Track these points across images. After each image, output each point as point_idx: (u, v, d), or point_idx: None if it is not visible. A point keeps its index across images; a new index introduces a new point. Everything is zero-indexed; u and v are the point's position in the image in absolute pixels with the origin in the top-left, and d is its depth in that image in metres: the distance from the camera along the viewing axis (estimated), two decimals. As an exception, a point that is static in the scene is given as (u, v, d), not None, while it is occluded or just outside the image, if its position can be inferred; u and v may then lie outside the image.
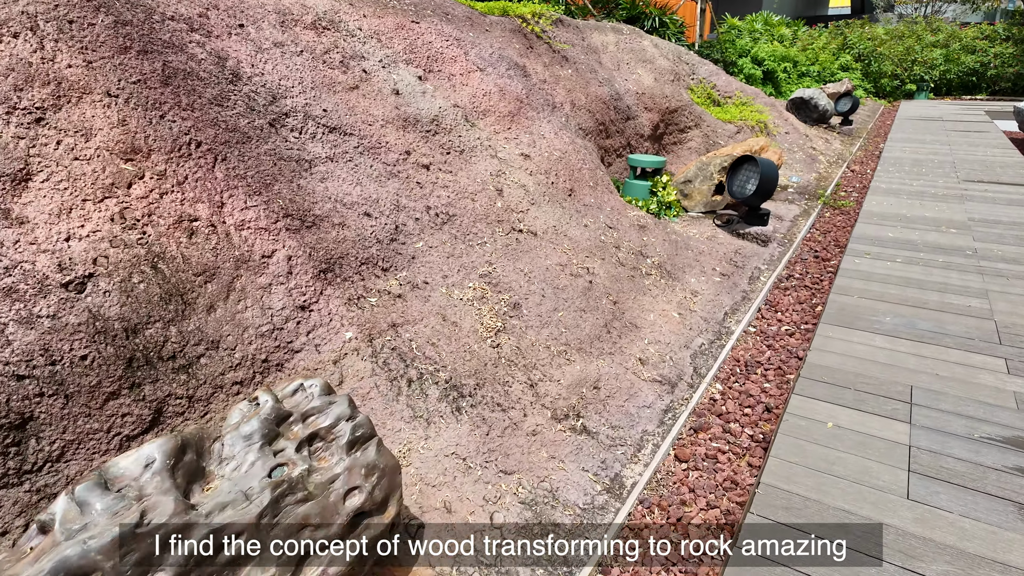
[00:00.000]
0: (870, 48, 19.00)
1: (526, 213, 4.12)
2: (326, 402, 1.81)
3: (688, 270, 4.62)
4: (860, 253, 5.34)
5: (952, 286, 4.58)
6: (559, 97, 5.71)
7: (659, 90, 7.49)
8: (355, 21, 4.21)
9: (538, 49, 5.97)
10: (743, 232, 5.58)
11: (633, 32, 8.10)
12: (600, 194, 5.08)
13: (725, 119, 8.47)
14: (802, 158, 9.01)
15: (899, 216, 6.48)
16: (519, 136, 4.77)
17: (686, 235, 5.31)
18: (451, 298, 3.26)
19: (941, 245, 5.52)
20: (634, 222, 4.93)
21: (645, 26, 12.47)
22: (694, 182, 6.27)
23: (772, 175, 5.28)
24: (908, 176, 8.43)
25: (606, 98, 6.40)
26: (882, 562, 2.15)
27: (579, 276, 3.83)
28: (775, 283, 4.88)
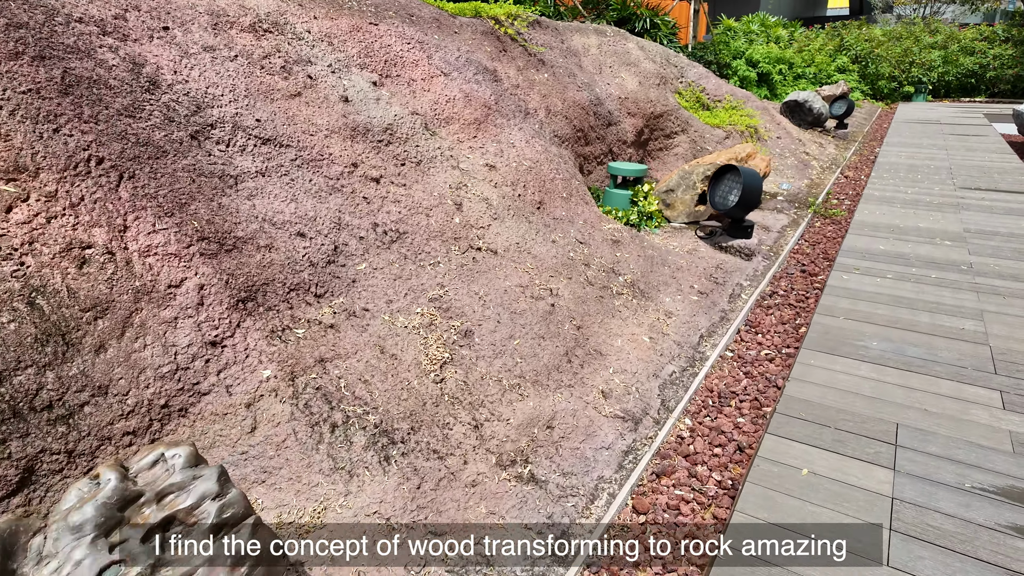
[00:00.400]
0: (867, 50, 18.72)
1: (487, 229, 3.83)
2: (190, 476, 1.52)
3: (663, 288, 4.33)
4: (849, 268, 5.05)
5: (945, 306, 4.29)
6: (533, 103, 5.42)
7: (644, 94, 7.21)
8: (303, 23, 3.93)
9: (512, 52, 5.68)
10: (726, 245, 5.29)
11: (617, 34, 7.81)
12: (573, 206, 4.80)
13: (713, 124, 8.19)
14: (794, 164, 8.72)
15: (892, 227, 6.19)
16: (485, 145, 4.48)
17: (665, 249, 5.02)
18: (393, 326, 2.97)
19: (935, 259, 5.23)
20: (608, 236, 4.64)
21: (636, 27, 12.19)
22: (676, 191, 5.99)
23: (756, 186, 5.00)
24: (903, 183, 8.14)
25: (585, 103, 6.11)
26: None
27: (541, 298, 3.55)
28: (757, 301, 4.60)
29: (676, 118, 7.64)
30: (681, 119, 7.72)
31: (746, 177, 4.96)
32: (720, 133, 8.07)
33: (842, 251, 5.52)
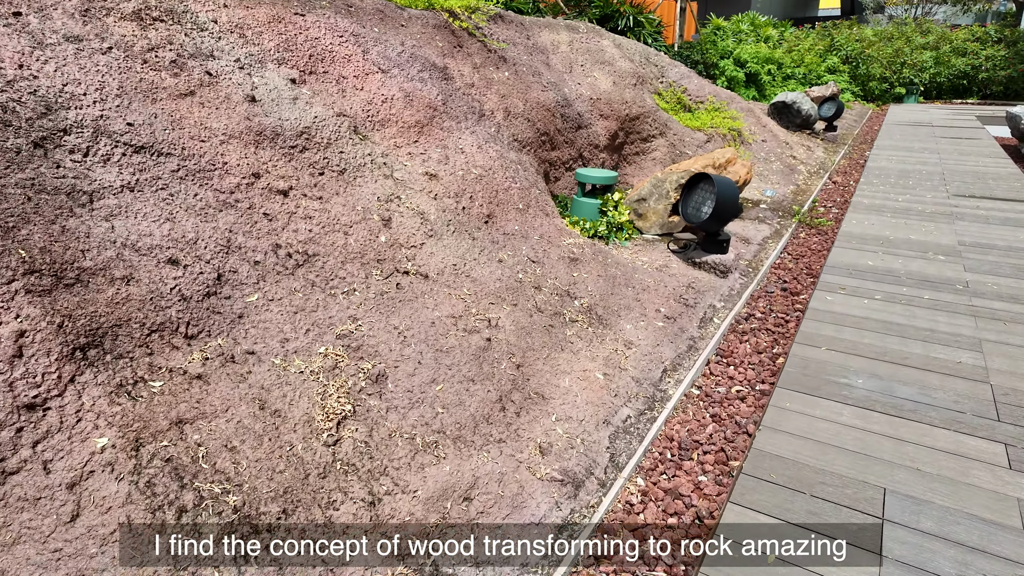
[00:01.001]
0: (858, 50, 18.34)
1: (419, 249, 3.33)
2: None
3: (625, 313, 3.85)
4: (834, 287, 4.59)
5: (939, 333, 3.83)
6: (490, 103, 4.92)
7: (618, 95, 6.73)
8: (208, 12, 3.41)
9: (469, 48, 5.19)
10: (699, 261, 4.82)
11: (591, 31, 7.33)
12: (531, 218, 4.31)
13: (694, 127, 7.72)
14: (779, 169, 8.27)
15: (881, 239, 5.74)
16: (428, 151, 3.99)
17: (632, 265, 4.54)
18: (285, 373, 2.47)
19: (927, 277, 4.77)
20: (566, 253, 4.16)
21: (619, 25, 11.73)
22: (649, 201, 5.51)
23: (731, 197, 4.52)
24: (893, 189, 7.70)
25: (551, 104, 5.62)
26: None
27: (476, 332, 3.05)
28: (732, 325, 4.12)
29: (654, 120, 7.17)
30: (659, 121, 7.24)
31: (720, 187, 4.48)
32: (701, 136, 7.60)
33: (827, 267, 5.05)
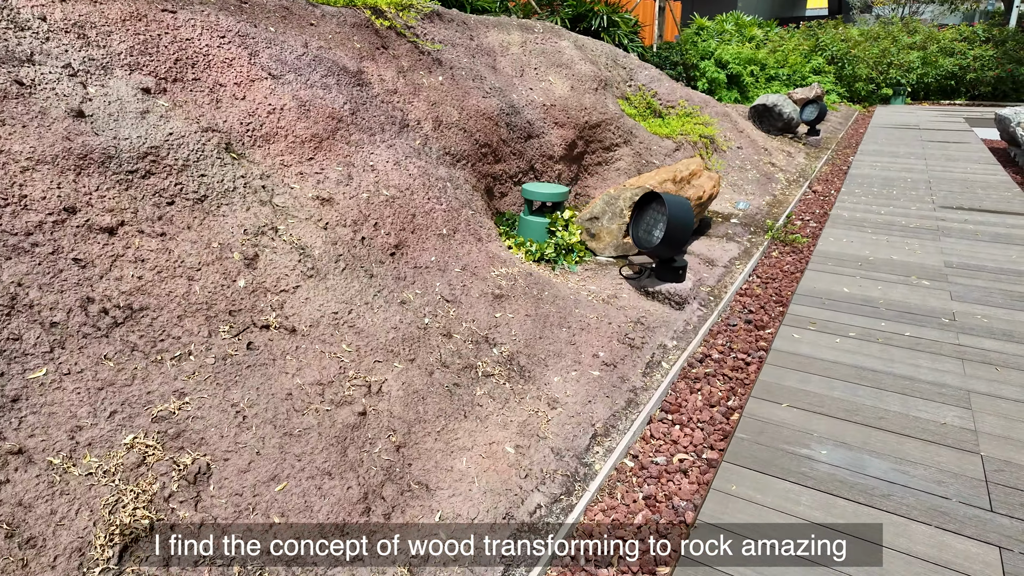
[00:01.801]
0: (844, 50, 17.83)
1: (290, 294, 2.74)
2: None
3: (555, 362, 3.27)
4: (803, 321, 4.02)
5: (921, 383, 3.26)
6: (416, 112, 4.33)
7: (576, 101, 6.14)
8: (34, 7, 2.80)
9: (395, 50, 4.59)
10: (653, 290, 4.24)
11: (548, 31, 6.74)
12: (456, 245, 3.72)
13: (663, 134, 7.15)
14: (756, 178, 7.71)
15: (860, 259, 5.18)
16: (326, 170, 3.39)
17: (574, 298, 3.95)
18: (65, 476, 1.87)
19: (909, 307, 4.21)
20: (492, 287, 3.57)
21: (592, 25, 11.17)
22: (602, 220, 4.93)
23: (684, 220, 3.94)
24: (876, 200, 7.15)
25: (494, 112, 5.03)
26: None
27: (347, 403, 2.46)
28: (683, 369, 3.55)
29: (617, 128, 6.59)
30: (623, 129, 6.67)
31: (672, 209, 3.90)
32: (669, 144, 7.03)
33: (799, 294, 4.49)
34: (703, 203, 5.30)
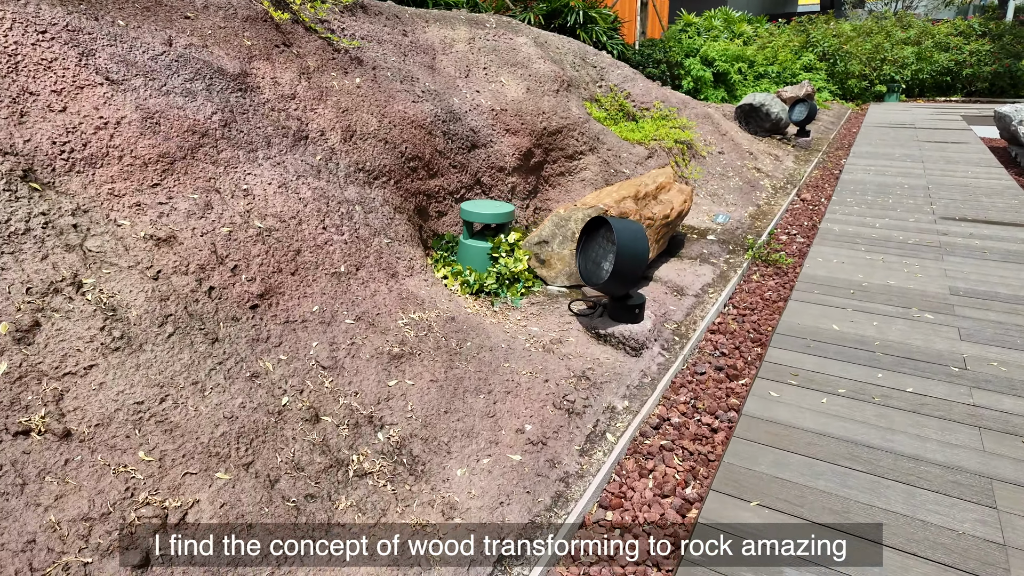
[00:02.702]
0: (835, 46, 17.10)
1: (78, 378, 2.00)
2: None
3: (464, 444, 2.54)
4: (783, 373, 3.30)
5: (929, 467, 2.54)
6: (321, 122, 3.59)
7: (533, 104, 5.41)
8: None
9: (301, 47, 3.85)
10: (605, 333, 3.51)
11: (503, 25, 6.00)
12: (355, 287, 2.99)
13: (635, 139, 6.41)
14: (738, 186, 6.98)
15: (852, 285, 4.45)
16: (175, 198, 2.65)
17: (508, 345, 3.23)
18: None
19: (911, 350, 3.49)
20: (392, 341, 2.84)
21: (568, 22, 10.44)
22: (552, 244, 4.20)
23: (636, 253, 3.22)
24: (871, 210, 6.43)
25: (427, 119, 4.29)
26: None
27: (120, 548, 1.73)
28: (633, 441, 2.82)
29: (581, 134, 5.85)
30: (589, 135, 5.93)
31: (622, 239, 3.17)
32: (641, 151, 6.30)
33: (779, 333, 3.76)
34: (671, 222, 4.57)
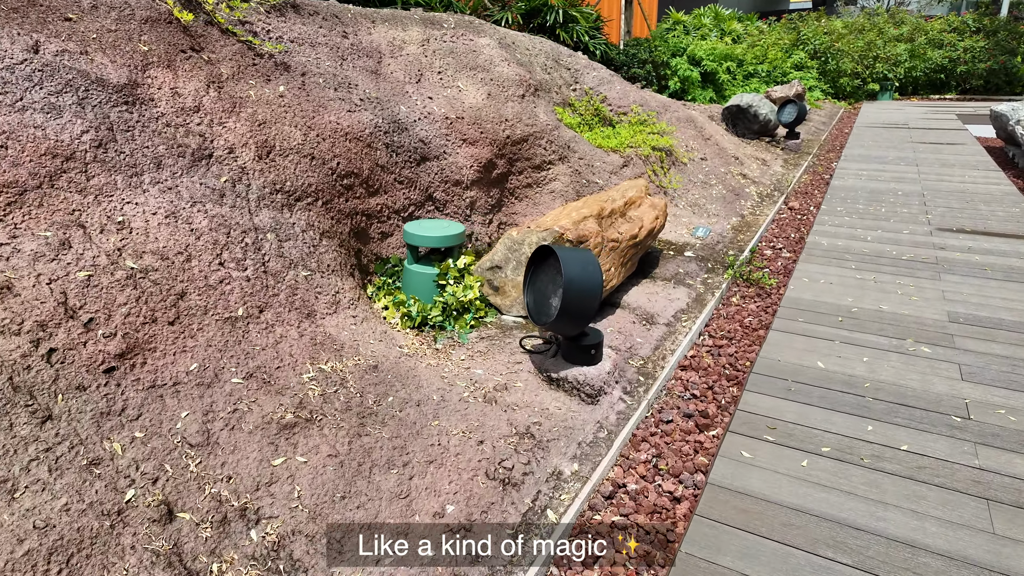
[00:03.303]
0: (827, 44, 16.66)
1: None
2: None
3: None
4: (759, 425, 2.84)
5: (925, 553, 2.08)
6: (230, 137, 3.13)
7: (494, 111, 4.95)
8: None
9: (214, 53, 3.38)
10: (559, 376, 3.05)
11: (463, 25, 5.53)
12: (254, 334, 2.53)
13: (609, 147, 5.96)
14: (721, 195, 6.53)
15: (841, 310, 4.00)
16: (21, 237, 2.19)
17: (442, 396, 2.77)
18: None
19: (906, 394, 3.03)
20: (288, 406, 2.38)
21: (548, 21, 9.98)
22: (505, 269, 3.74)
23: (585, 289, 2.76)
24: (862, 220, 5.98)
25: (365, 130, 3.83)
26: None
27: None
28: (579, 519, 2.36)
29: (550, 142, 5.40)
30: (558, 143, 5.48)
31: (570, 272, 2.72)
32: (616, 160, 5.84)
33: (759, 369, 3.31)
34: (639, 242, 4.12)
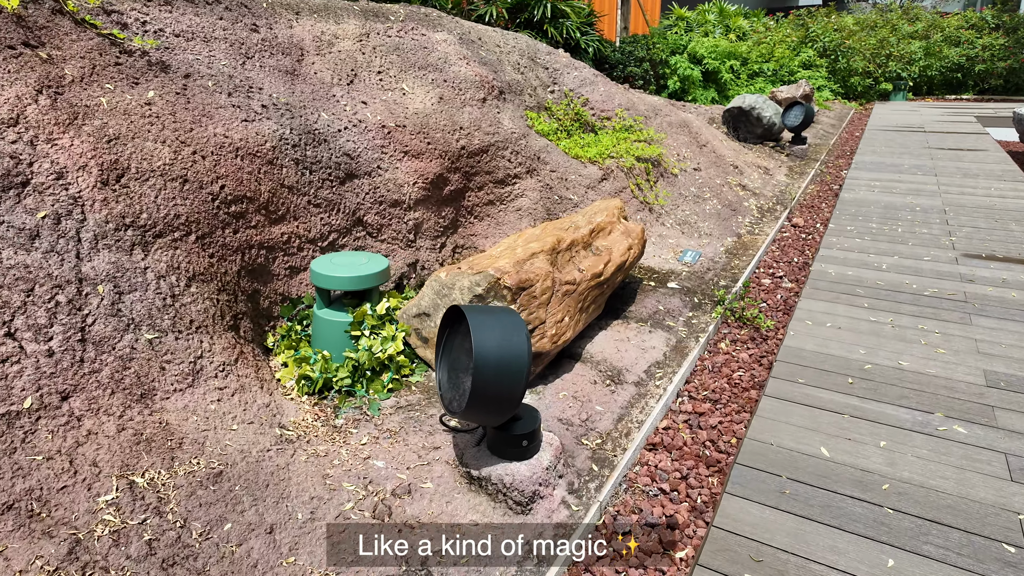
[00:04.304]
0: (837, 41, 15.76)
1: None
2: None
3: None
4: (740, 555, 2.09)
5: None
6: (61, 158, 2.40)
7: (446, 118, 4.21)
8: None
9: (58, 49, 2.65)
10: (480, 475, 2.31)
11: (413, 19, 4.78)
12: (39, 438, 1.82)
13: (588, 157, 5.20)
14: (716, 210, 5.76)
15: (850, 367, 3.23)
16: None
17: (312, 512, 2.04)
18: None
19: (936, 504, 2.27)
20: (37, 567, 1.65)
21: (535, 16, 9.22)
22: (434, 318, 3.00)
23: (506, 368, 2.02)
24: (876, 242, 5.20)
25: (263, 144, 3.10)
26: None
27: None
28: None
29: (516, 153, 4.66)
30: (526, 154, 4.73)
31: (483, 345, 1.98)
32: (594, 172, 5.09)
33: (745, 459, 2.56)
34: (605, 281, 3.37)
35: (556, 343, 2.91)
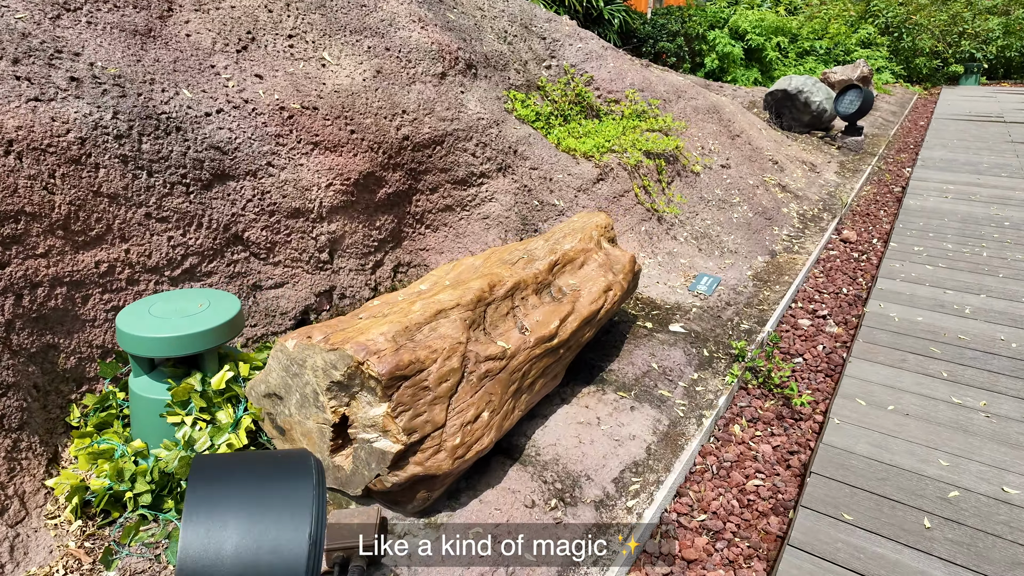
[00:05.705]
0: (902, 16, 13.90)
1: None
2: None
3: None
4: None
5: None
6: None
7: (384, 98, 3.15)
8: None
9: None
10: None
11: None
12: None
13: (583, 151, 4.07)
14: (746, 219, 4.56)
15: (925, 491, 2.08)
16: None
17: None
18: None
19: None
20: None
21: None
22: (288, 403, 1.98)
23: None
24: (954, 271, 3.94)
25: (60, 136, 2.10)
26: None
27: None
28: None
29: (483, 145, 3.58)
30: (497, 147, 3.65)
31: (191, 569, 0.94)
32: (588, 171, 3.96)
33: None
34: (561, 345, 2.28)
35: (463, 456, 1.86)
